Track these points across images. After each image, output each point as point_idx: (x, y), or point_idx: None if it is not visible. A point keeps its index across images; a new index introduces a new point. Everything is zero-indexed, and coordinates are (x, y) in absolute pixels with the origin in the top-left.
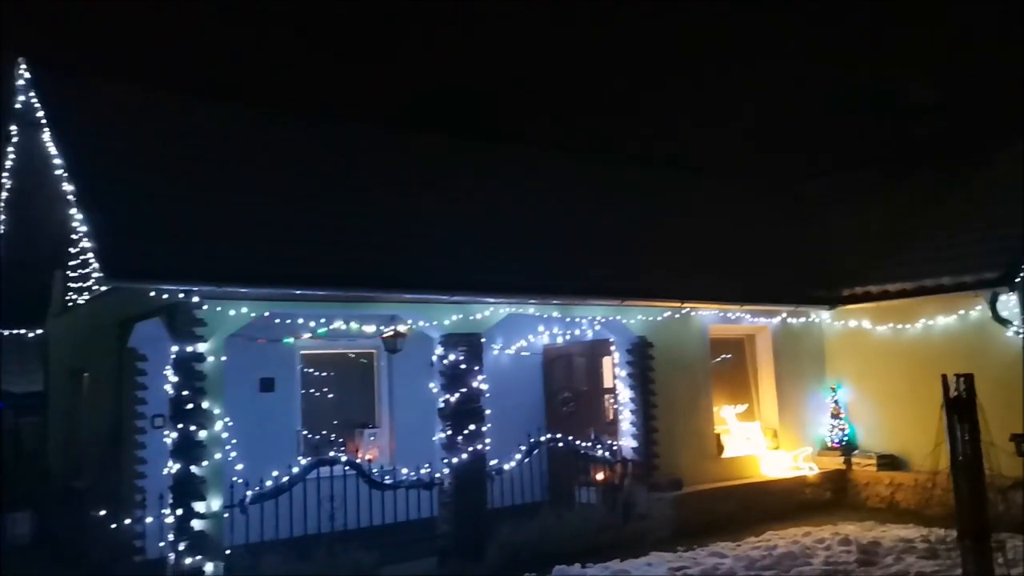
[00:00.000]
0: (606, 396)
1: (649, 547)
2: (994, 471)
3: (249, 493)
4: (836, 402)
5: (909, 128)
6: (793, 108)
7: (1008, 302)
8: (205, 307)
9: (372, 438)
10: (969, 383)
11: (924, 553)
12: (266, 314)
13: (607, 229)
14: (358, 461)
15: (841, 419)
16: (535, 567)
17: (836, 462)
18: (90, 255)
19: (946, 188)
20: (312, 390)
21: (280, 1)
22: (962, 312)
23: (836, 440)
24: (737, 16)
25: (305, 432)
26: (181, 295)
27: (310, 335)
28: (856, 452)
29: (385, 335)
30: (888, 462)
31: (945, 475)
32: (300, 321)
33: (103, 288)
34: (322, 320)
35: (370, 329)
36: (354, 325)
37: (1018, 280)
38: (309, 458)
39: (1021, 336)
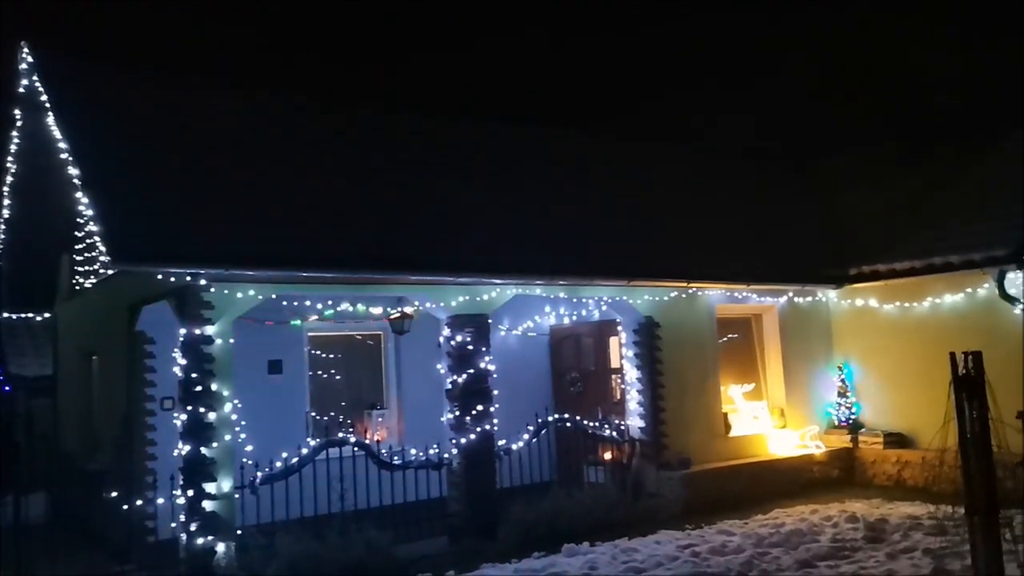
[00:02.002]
0: (613, 376)
1: (658, 525)
2: (1002, 448)
3: (259, 474)
4: (843, 381)
5: (924, 106)
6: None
7: (1016, 280)
8: (212, 290)
9: (380, 419)
10: (977, 361)
11: (931, 530)
12: (273, 296)
13: (614, 209)
14: (367, 442)
15: (848, 397)
16: (545, 545)
17: (843, 440)
18: (97, 239)
19: (957, 167)
20: (320, 372)
21: None
22: (969, 290)
23: (843, 419)
24: None
25: (314, 414)
26: (188, 278)
27: (317, 317)
28: (863, 430)
29: (392, 317)
30: (895, 440)
31: (953, 452)
32: (308, 303)
33: (110, 272)
34: (329, 302)
35: (377, 311)
36: (361, 307)
37: None
38: (318, 439)
39: None
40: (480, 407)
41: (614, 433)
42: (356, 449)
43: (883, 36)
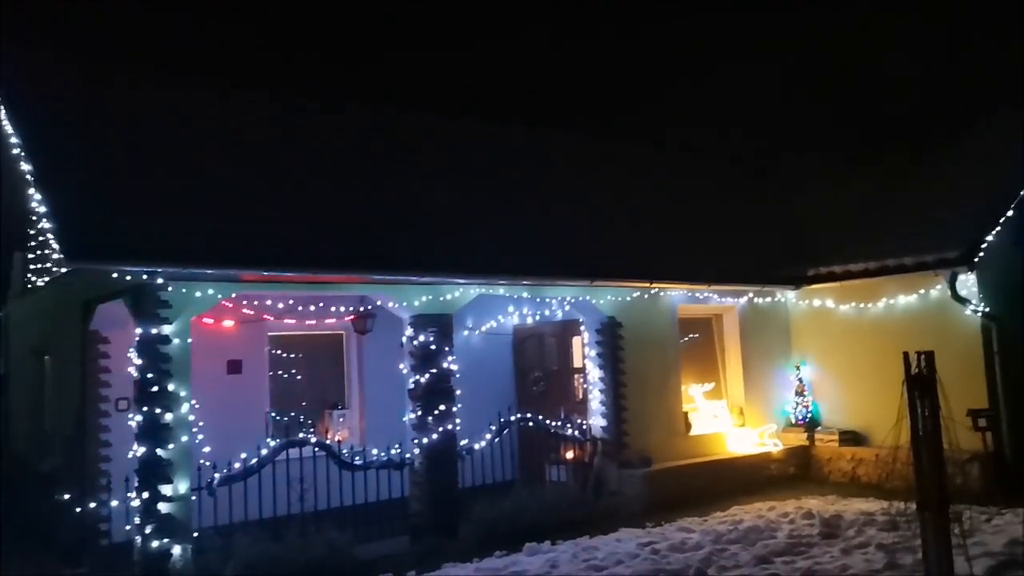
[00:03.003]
0: (576, 376)
1: (619, 523)
2: (952, 445)
3: (217, 475)
4: (800, 380)
5: (881, 107)
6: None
7: (967, 281)
8: (170, 288)
9: (342, 419)
10: (930, 360)
11: (884, 525)
12: (234, 295)
13: (578, 209)
14: (328, 442)
15: (805, 396)
16: (507, 544)
17: (800, 438)
18: (50, 236)
19: (912, 169)
20: (281, 372)
21: None
22: (923, 291)
23: (800, 417)
24: None
25: (274, 414)
26: (145, 276)
27: (279, 316)
28: (819, 428)
29: (355, 316)
30: (850, 438)
31: (905, 450)
32: (268, 302)
33: (63, 270)
34: (290, 301)
35: (340, 310)
36: (323, 306)
37: (977, 260)
38: (278, 440)
39: (979, 314)
40: (443, 407)
41: (576, 432)
42: (317, 449)
43: (841, 39)
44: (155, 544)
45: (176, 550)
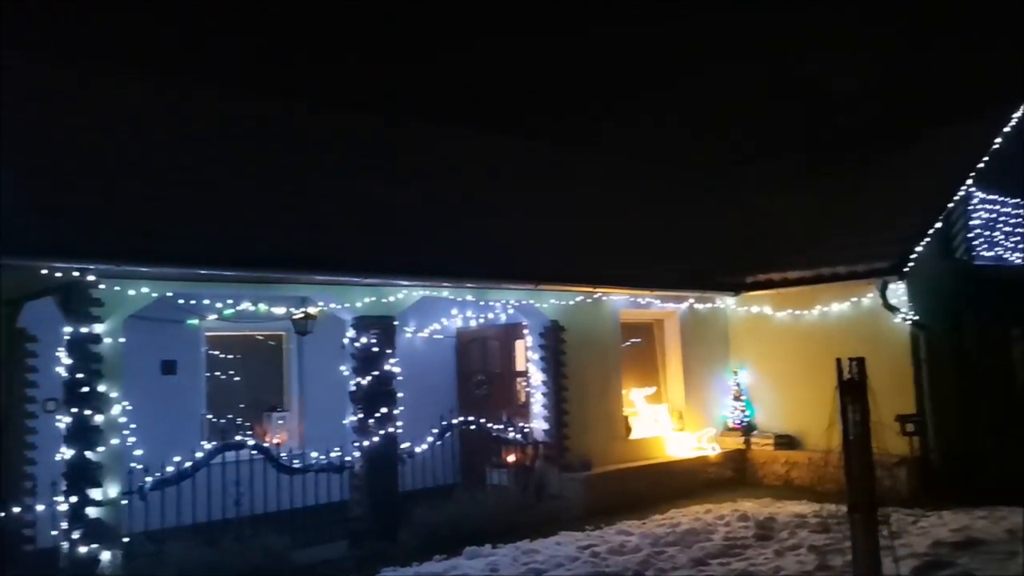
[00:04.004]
0: (519, 379)
1: (560, 526)
2: (882, 449)
3: (149, 479)
4: (738, 385)
5: (824, 118)
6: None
7: (897, 290)
8: (102, 286)
9: (281, 422)
10: (861, 367)
11: (816, 527)
12: (169, 294)
13: (522, 212)
14: (266, 445)
15: (742, 401)
16: (447, 548)
17: (737, 442)
18: None
19: (849, 181)
20: (218, 373)
21: None
22: (855, 299)
23: (737, 421)
24: None
25: (210, 416)
26: (76, 274)
27: (216, 316)
28: (755, 432)
29: (295, 317)
30: (785, 442)
31: (837, 454)
32: (206, 302)
33: None
34: (229, 301)
35: (280, 311)
36: (263, 307)
37: (906, 270)
38: (214, 443)
39: (908, 322)
40: (384, 410)
41: (518, 436)
42: (254, 452)
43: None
44: (83, 550)
45: (105, 556)
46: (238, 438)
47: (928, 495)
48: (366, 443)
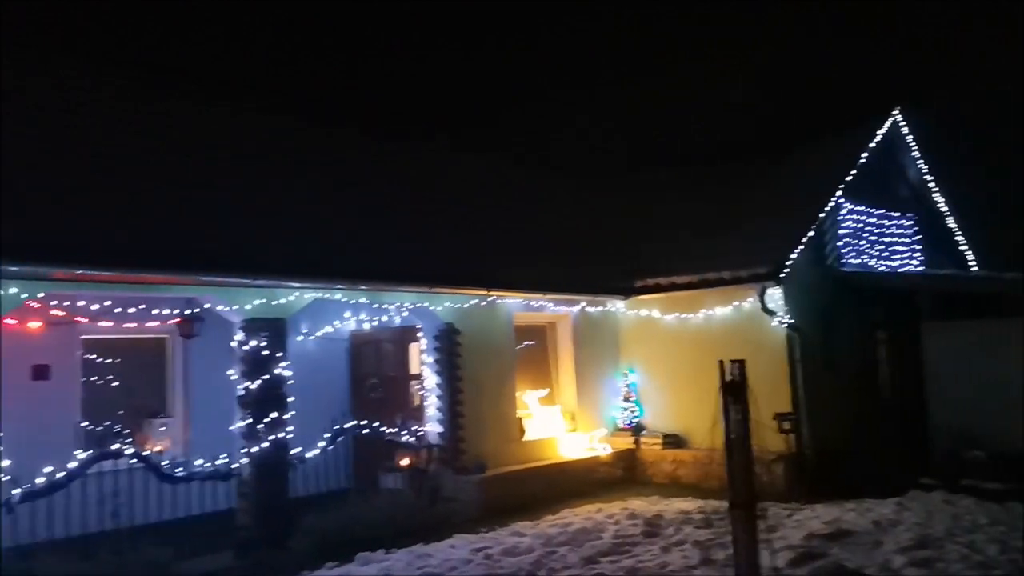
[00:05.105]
0: (413, 382)
1: (454, 530)
2: (761, 447)
3: (17, 491)
4: (628, 386)
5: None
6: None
7: (775, 295)
8: None
9: (164, 428)
10: (742, 368)
11: (700, 523)
12: (42, 295)
13: (417, 214)
14: (146, 453)
15: (632, 402)
16: (340, 555)
17: (627, 442)
18: None
19: (732, 188)
20: (95, 378)
21: None
22: (737, 303)
23: (627, 422)
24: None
25: (86, 424)
26: None
27: (93, 318)
28: (644, 432)
29: (180, 319)
30: (672, 441)
31: (720, 452)
32: (82, 303)
33: None
34: (107, 303)
35: (164, 313)
36: (146, 308)
37: (782, 275)
38: (90, 451)
39: (784, 325)
40: (274, 414)
41: (412, 439)
42: (134, 461)
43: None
44: None
45: None
46: (116, 446)
47: (803, 489)
48: (255, 449)
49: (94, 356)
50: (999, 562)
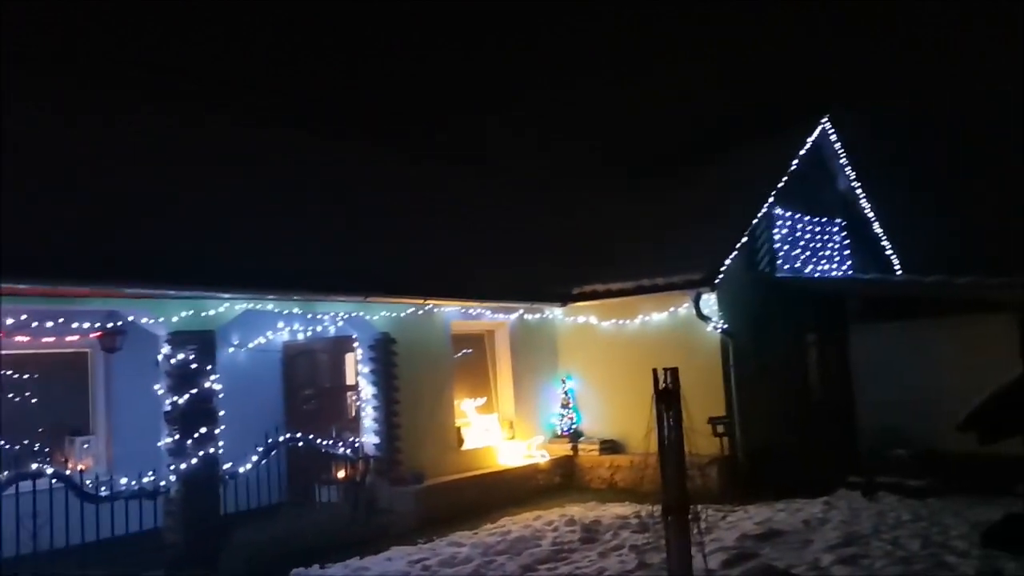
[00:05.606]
0: (349, 393)
1: (391, 542)
2: (695, 451)
3: None
4: (566, 393)
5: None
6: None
7: (709, 301)
8: None
9: (86, 446)
10: (675, 376)
11: (637, 528)
12: None
13: (351, 222)
14: (67, 473)
15: (570, 408)
16: (273, 571)
17: (565, 449)
18: None
19: (667, 195)
20: (12, 395)
21: None
22: (673, 309)
23: (565, 428)
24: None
25: (3, 443)
26: None
27: (9, 333)
28: (582, 439)
29: (101, 333)
30: (609, 447)
31: (656, 457)
32: None
33: None
34: (23, 316)
35: (84, 326)
36: (64, 322)
37: (716, 281)
38: (7, 472)
39: (719, 331)
40: (203, 429)
41: (348, 451)
42: (54, 481)
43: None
44: None
45: None
46: (35, 466)
47: (736, 491)
48: (183, 465)
49: (10, 372)
50: (920, 557)
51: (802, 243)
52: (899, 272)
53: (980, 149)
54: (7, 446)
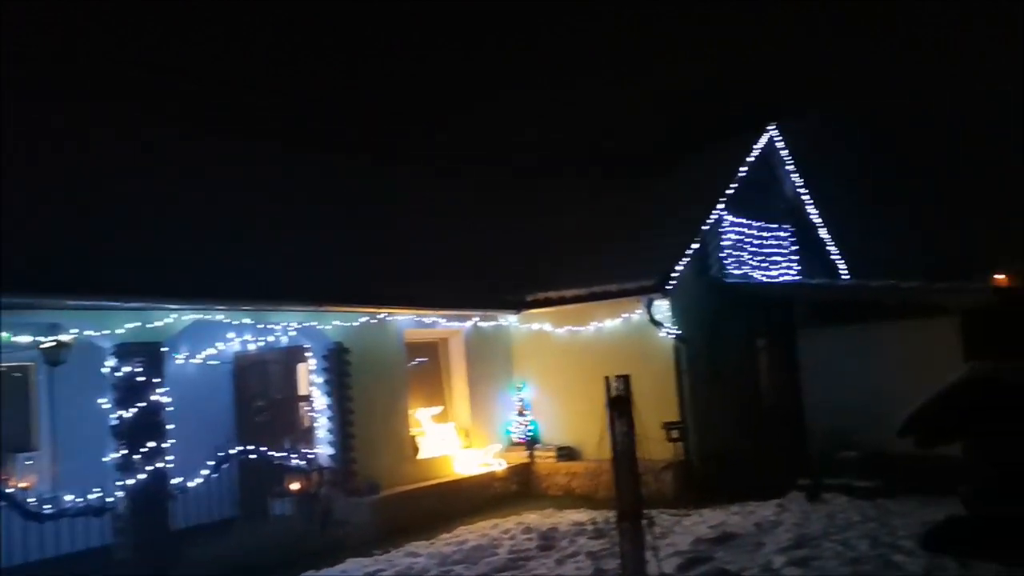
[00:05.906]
0: (302, 403)
1: (347, 553)
2: (649, 456)
3: None
4: (521, 400)
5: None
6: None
7: (661, 307)
8: None
9: (29, 463)
10: (626, 383)
11: (593, 534)
12: None
13: (302, 231)
14: (9, 491)
15: (525, 416)
16: None
17: (521, 456)
18: None
19: (618, 202)
20: None
21: None
22: (626, 315)
23: (521, 436)
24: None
25: None
26: None
27: None
28: (539, 446)
29: (44, 346)
30: (565, 453)
31: (610, 463)
32: None
33: None
34: None
35: (26, 339)
36: (5, 334)
37: (668, 287)
38: None
39: (671, 336)
40: (152, 443)
41: (302, 462)
42: None
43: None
44: None
45: None
46: None
47: (691, 495)
48: (131, 481)
49: None
50: (869, 557)
51: (752, 249)
52: (846, 276)
53: (925, 155)
54: None
